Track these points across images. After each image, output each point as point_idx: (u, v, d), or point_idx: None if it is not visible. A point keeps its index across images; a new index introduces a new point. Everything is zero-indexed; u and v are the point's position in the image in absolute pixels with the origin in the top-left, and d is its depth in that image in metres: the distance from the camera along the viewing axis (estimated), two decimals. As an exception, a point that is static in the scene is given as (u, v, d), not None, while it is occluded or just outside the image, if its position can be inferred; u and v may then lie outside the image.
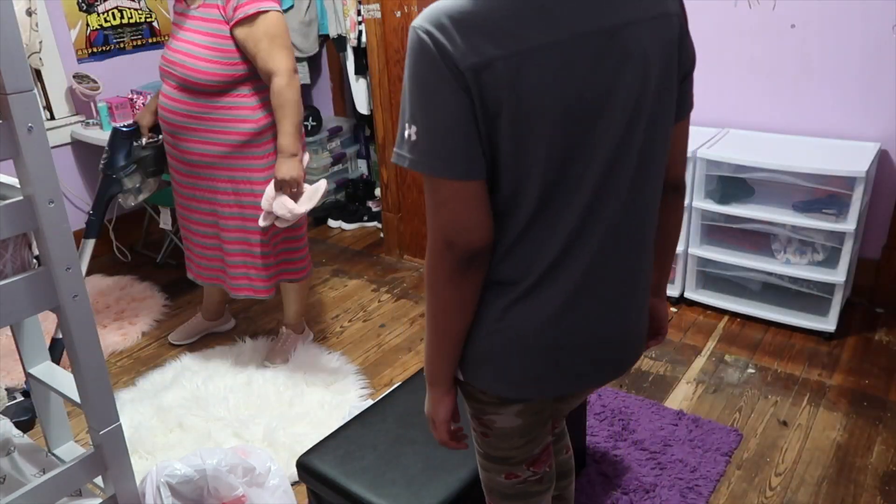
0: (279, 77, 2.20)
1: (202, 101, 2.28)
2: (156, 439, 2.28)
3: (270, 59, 2.20)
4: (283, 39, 2.22)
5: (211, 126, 2.31)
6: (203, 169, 2.39)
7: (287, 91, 2.21)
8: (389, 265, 3.48)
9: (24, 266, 1.36)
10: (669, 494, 1.96)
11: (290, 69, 2.22)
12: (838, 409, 2.28)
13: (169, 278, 3.46)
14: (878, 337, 2.65)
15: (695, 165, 2.72)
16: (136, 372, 2.71)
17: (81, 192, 3.66)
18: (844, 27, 2.59)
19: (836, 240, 2.54)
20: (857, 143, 2.65)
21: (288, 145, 2.25)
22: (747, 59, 2.83)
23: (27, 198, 1.27)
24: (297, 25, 4.00)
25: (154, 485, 1.63)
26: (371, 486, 1.53)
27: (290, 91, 2.22)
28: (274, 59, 2.20)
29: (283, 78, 2.20)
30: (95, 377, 1.43)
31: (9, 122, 1.21)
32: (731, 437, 2.16)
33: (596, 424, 2.23)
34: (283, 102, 2.22)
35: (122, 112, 3.49)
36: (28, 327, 1.69)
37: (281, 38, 2.21)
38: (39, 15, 3.21)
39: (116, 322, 3.04)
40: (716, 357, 2.59)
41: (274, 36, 2.20)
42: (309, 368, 2.60)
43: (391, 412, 1.76)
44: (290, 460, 1.89)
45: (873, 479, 2.00)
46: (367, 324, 2.97)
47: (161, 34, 3.82)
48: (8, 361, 2.71)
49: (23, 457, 1.74)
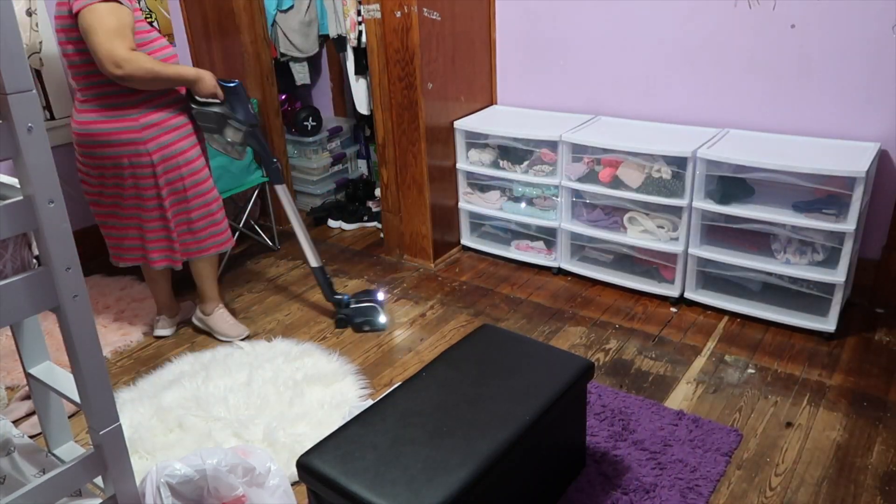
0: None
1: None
2: (156, 439, 2.28)
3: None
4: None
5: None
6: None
7: None
8: (389, 265, 3.48)
9: (24, 266, 1.37)
10: (669, 494, 1.96)
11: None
12: (838, 409, 2.28)
13: (169, 278, 3.46)
14: (878, 337, 2.65)
15: (695, 165, 2.72)
16: (136, 372, 2.71)
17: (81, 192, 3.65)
18: (844, 27, 2.60)
19: (836, 240, 2.54)
20: (856, 143, 2.66)
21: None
22: (747, 59, 2.83)
23: (27, 198, 1.27)
24: (297, 25, 4.00)
25: (154, 485, 1.63)
26: (371, 486, 1.53)
27: None
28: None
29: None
30: (95, 377, 1.43)
31: (9, 122, 1.22)
32: (731, 437, 2.16)
33: (596, 424, 2.23)
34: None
35: (122, 112, 3.50)
36: (28, 327, 1.69)
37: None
38: (39, 15, 3.21)
39: (116, 322, 3.04)
40: (716, 357, 2.59)
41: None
42: (309, 368, 2.60)
43: (391, 412, 1.76)
44: (290, 460, 1.89)
45: (873, 479, 2.00)
46: (367, 324, 2.97)
47: (161, 34, 3.81)
48: (8, 361, 2.71)
49: (23, 457, 1.74)
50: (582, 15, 3.17)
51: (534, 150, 3.18)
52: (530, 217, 3.26)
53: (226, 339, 2.88)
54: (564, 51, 3.28)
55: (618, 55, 3.14)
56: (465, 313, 3.00)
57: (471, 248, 3.55)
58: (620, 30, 3.09)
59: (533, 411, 1.73)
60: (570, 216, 3.15)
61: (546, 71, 3.38)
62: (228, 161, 3.31)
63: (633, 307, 2.96)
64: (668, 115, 3.09)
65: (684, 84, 3.02)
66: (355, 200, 4.14)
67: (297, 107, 4.23)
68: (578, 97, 3.32)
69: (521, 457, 1.70)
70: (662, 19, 2.96)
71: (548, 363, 1.91)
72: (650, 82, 3.10)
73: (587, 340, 2.75)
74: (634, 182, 2.89)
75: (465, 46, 3.32)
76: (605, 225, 3.06)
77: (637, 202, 2.94)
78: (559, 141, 3.03)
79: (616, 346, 2.71)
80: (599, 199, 3.06)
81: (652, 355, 2.63)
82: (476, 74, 3.44)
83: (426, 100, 3.15)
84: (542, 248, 3.32)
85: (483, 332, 2.10)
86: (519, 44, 3.41)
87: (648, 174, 2.86)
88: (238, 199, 3.82)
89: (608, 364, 2.59)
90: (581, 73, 3.28)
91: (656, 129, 3.03)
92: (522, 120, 3.30)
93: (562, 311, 2.98)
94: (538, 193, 3.23)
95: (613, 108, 3.24)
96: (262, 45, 3.71)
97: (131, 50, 2.29)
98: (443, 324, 2.93)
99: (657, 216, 2.93)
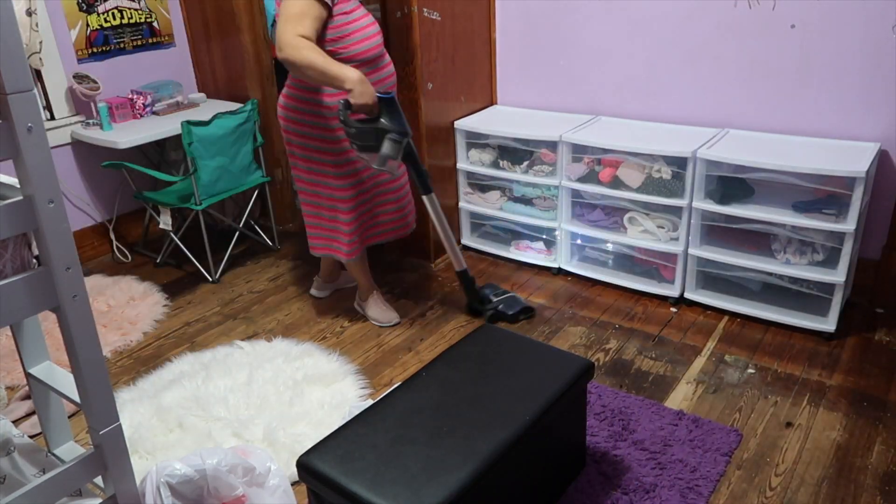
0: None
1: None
2: (156, 439, 2.28)
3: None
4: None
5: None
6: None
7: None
8: (389, 265, 3.48)
9: (24, 266, 1.37)
10: (669, 494, 1.96)
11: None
12: (838, 409, 2.28)
13: (169, 278, 3.46)
14: (878, 337, 2.65)
15: (695, 165, 2.72)
16: (136, 372, 2.71)
17: (81, 192, 3.66)
18: (844, 27, 2.60)
19: (836, 240, 2.54)
20: (856, 144, 2.66)
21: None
22: (747, 59, 2.83)
23: (27, 198, 1.27)
24: (297, 25, 3.99)
25: (154, 485, 1.63)
26: (371, 486, 1.53)
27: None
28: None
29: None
30: (95, 377, 1.43)
31: (9, 122, 1.22)
32: (731, 437, 2.16)
33: (596, 424, 2.23)
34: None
35: (122, 112, 3.50)
36: (28, 327, 1.69)
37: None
38: (39, 15, 3.21)
39: (116, 322, 3.04)
40: (716, 357, 2.59)
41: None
42: (309, 368, 2.60)
43: (391, 412, 1.76)
44: (290, 460, 1.89)
45: (873, 479, 2.00)
46: (367, 324, 2.97)
47: (161, 34, 3.82)
48: (8, 361, 2.71)
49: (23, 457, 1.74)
50: (582, 15, 3.17)
51: (534, 150, 3.18)
52: (530, 217, 3.26)
53: (378, 323, 2.95)
54: (564, 51, 3.28)
55: (618, 55, 3.14)
56: (465, 313, 3.00)
57: (471, 248, 3.55)
58: (620, 30, 3.09)
59: (533, 411, 1.73)
60: (570, 216, 3.15)
61: (546, 71, 3.38)
62: (228, 161, 3.31)
63: (633, 307, 2.96)
64: (667, 116, 3.09)
65: (684, 84, 3.02)
66: (355, 200, 4.13)
67: (297, 107, 4.22)
68: (578, 97, 3.32)
69: (521, 457, 1.70)
70: (662, 19, 2.96)
71: (548, 363, 1.91)
72: (650, 82, 3.10)
73: (587, 340, 2.75)
74: (635, 182, 2.89)
75: (465, 46, 3.32)
76: (605, 225, 3.06)
77: (637, 202, 2.94)
78: (559, 141, 3.02)
79: (616, 346, 2.71)
80: (599, 199, 3.06)
81: (652, 355, 2.63)
82: (476, 74, 3.44)
83: (426, 100, 3.15)
84: (541, 248, 3.32)
85: (483, 332, 2.10)
86: (519, 44, 3.41)
87: (649, 174, 2.86)
88: (238, 199, 3.82)
89: (608, 364, 2.59)
90: (581, 74, 3.28)
91: (656, 129, 3.03)
92: (522, 120, 3.31)
93: (562, 311, 2.98)
94: (538, 193, 3.23)
95: (613, 108, 3.24)
96: (262, 45, 3.71)
97: (299, 36, 2.30)
98: (443, 324, 2.93)
99: (657, 216, 2.93)
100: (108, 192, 3.76)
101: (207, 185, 3.25)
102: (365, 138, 2.44)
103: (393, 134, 2.41)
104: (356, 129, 2.43)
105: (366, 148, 2.47)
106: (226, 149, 3.29)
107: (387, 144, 2.42)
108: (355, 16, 2.48)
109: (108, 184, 3.74)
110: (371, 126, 2.42)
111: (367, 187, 2.72)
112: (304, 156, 2.66)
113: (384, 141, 2.42)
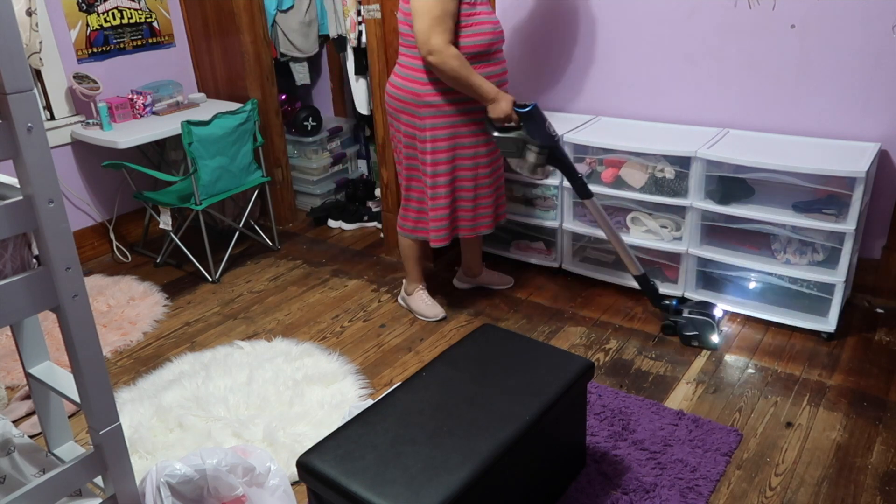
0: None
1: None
2: (156, 439, 2.28)
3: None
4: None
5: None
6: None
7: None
8: (389, 265, 3.48)
9: (24, 266, 1.37)
10: (669, 494, 1.96)
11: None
12: (838, 409, 2.28)
13: (169, 278, 3.47)
14: (878, 337, 2.65)
15: (695, 165, 2.72)
16: (136, 372, 2.71)
17: (81, 192, 3.67)
18: (844, 27, 2.59)
19: (836, 240, 2.54)
20: (856, 143, 2.66)
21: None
22: (747, 59, 2.83)
23: (27, 198, 1.27)
24: (297, 25, 4.00)
25: (154, 485, 1.63)
26: (371, 486, 1.53)
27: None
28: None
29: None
30: (95, 377, 1.43)
31: (9, 122, 1.22)
32: (731, 437, 2.16)
33: (596, 424, 2.23)
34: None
35: (122, 112, 3.50)
36: (28, 327, 1.69)
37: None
38: (39, 15, 3.21)
39: (116, 322, 3.04)
40: (716, 357, 2.59)
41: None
42: (309, 368, 2.60)
43: (391, 412, 1.76)
44: (290, 460, 1.89)
45: (873, 479, 2.00)
46: (367, 324, 2.97)
47: (161, 34, 3.82)
48: (8, 361, 2.71)
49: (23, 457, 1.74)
50: (582, 15, 3.17)
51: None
52: (530, 217, 3.25)
53: (423, 318, 2.95)
54: (564, 51, 3.28)
55: (618, 55, 3.14)
56: (465, 313, 3.00)
57: (471, 248, 3.54)
58: (621, 30, 3.09)
59: (533, 411, 1.73)
60: (570, 216, 3.14)
61: (546, 71, 3.37)
62: (228, 161, 3.32)
63: (633, 307, 2.96)
64: (667, 116, 3.09)
65: (684, 84, 3.01)
66: (355, 200, 4.14)
67: (297, 107, 4.23)
68: (578, 97, 3.32)
69: (522, 456, 1.70)
70: (662, 19, 2.96)
71: (548, 363, 1.91)
72: (650, 82, 3.10)
73: (587, 340, 2.75)
74: (637, 182, 2.89)
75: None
76: (605, 225, 3.06)
77: (640, 202, 2.94)
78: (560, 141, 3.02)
79: (616, 346, 2.71)
80: (602, 199, 3.06)
81: (652, 355, 2.63)
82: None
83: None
84: (541, 248, 3.32)
85: (483, 331, 2.10)
86: (519, 44, 3.40)
87: (652, 174, 2.86)
88: (238, 199, 3.82)
89: (608, 364, 2.59)
90: (581, 74, 3.28)
91: (656, 129, 3.03)
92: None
93: (562, 311, 2.98)
94: (538, 193, 3.23)
95: (613, 108, 3.24)
96: (262, 45, 3.71)
97: (448, 43, 2.42)
98: (443, 324, 2.93)
99: (660, 216, 2.93)
100: (108, 192, 3.76)
101: (207, 185, 3.25)
102: (506, 146, 2.56)
103: (532, 145, 2.52)
104: (497, 138, 2.56)
105: (510, 154, 2.59)
106: (226, 149, 3.29)
107: (529, 155, 2.55)
108: (477, 9, 2.50)
109: (108, 184, 3.74)
110: (510, 136, 2.54)
111: (467, 176, 2.71)
112: (406, 142, 2.70)
113: (526, 151, 2.54)
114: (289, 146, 4.12)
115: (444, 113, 2.57)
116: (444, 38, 2.40)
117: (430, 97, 2.55)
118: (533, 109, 2.49)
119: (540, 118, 2.51)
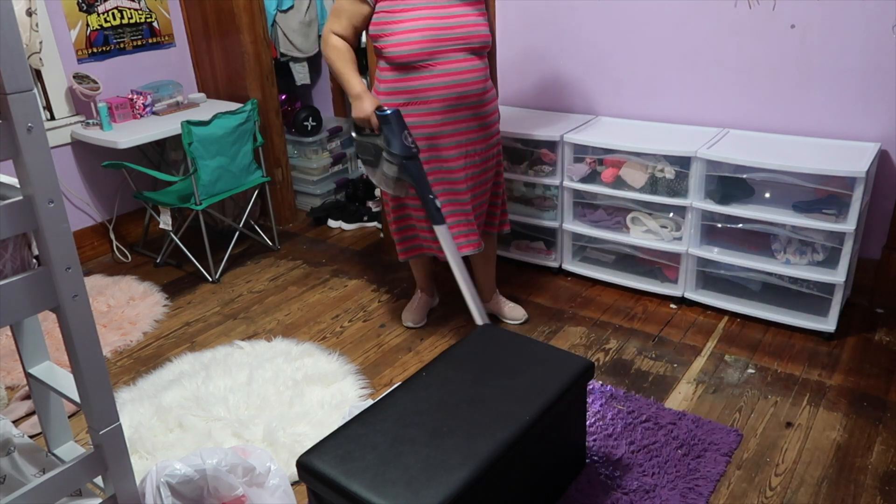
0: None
1: (484, 64, 2.51)
2: (156, 439, 2.28)
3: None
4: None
5: (490, 86, 2.55)
6: (494, 127, 2.60)
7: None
8: (389, 265, 3.48)
9: (24, 266, 1.37)
10: (669, 494, 1.96)
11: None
12: (838, 409, 2.28)
13: (169, 278, 3.47)
14: (878, 337, 2.65)
15: (695, 165, 2.72)
16: (136, 372, 2.71)
17: (81, 192, 3.66)
18: (844, 27, 2.59)
19: (836, 240, 2.54)
20: (856, 144, 2.66)
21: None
22: (747, 59, 2.83)
23: (27, 198, 1.27)
24: (297, 25, 4.00)
25: (154, 485, 1.63)
26: (371, 486, 1.53)
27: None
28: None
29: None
30: (95, 377, 1.43)
31: (9, 122, 1.22)
32: (731, 437, 2.16)
33: (596, 424, 2.23)
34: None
35: (122, 112, 3.50)
36: (28, 327, 1.69)
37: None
38: (39, 15, 3.21)
39: (116, 322, 3.04)
40: (716, 357, 2.59)
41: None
42: (309, 368, 2.60)
43: (391, 412, 1.76)
44: (290, 460, 1.89)
45: (873, 479, 2.00)
46: (367, 324, 2.97)
47: (161, 34, 3.82)
48: (8, 361, 2.71)
49: (23, 457, 1.74)
50: (582, 15, 3.17)
51: (534, 150, 3.18)
52: (530, 217, 3.25)
53: (511, 321, 2.90)
54: (564, 51, 3.28)
55: (618, 55, 3.14)
56: (465, 313, 3.00)
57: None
58: (620, 30, 3.09)
59: (533, 411, 1.73)
60: (571, 216, 3.14)
61: (546, 71, 3.37)
62: (228, 161, 3.31)
63: (633, 307, 2.96)
64: (667, 116, 3.09)
65: (684, 84, 3.01)
66: (355, 200, 4.14)
67: (297, 107, 4.23)
68: (578, 97, 3.32)
69: (522, 457, 1.70)
70: (662, 19, 2.96)
71: (548, 363, 1.91)
72: (650, 83, 3.10)
73: (587, 340, 2.75)
74: (638, 182, 2.89)
75: (466, 46, 3.31)
76: (607, 225, 3.06)
77: (640, 202, 2.94)
78: (560, 141, 3.02)
79: (616, 346, 2.71)
80: (602, 199, 3.06)
81: (652, 355, 2.63)
82: (476, 74, 3.43)
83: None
84: (541, 248, 3.32)
85: (483, 331, 2.10)
86: (519, 44, 3.40)
87: (652, 174, 2.86)
88: (238, 199, 3.82)
89: (608, 364, 2.59)
90: (581, 73, 3.28)
91: (656, 129, 3.03)
92: (522, 120, 3.30)
93: (562, 311, 2.98)
94: (538, 193, 3.23)
95: (613, 108, 3.24)
96: (262, 45, 3.71)
97: (332, 33, 2.43)
98: (443, 324, 2.93)
99: (660, 216, 2.93)
100: (108, 192, 3.76)
101: (207, 185, 3.25)
102: (364, 151, 2.43)
103: (387, 154, 2.34)
104: (356, 140, 2.45)
105: (367, 162, 2.44)
106: (226, 149, 3.29)
107: (382, 163, 2.37)
108: (399, 17, 2.33)
109: (108, 184, 3.74)
110: (369, 141, 2.39)
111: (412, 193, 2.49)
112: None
113: (381, 160, 2.37)
114: (289, 146, 4.12)
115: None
116: (330, 27, 2.42)
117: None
118: (391, 115, 2.29)
119: (398, 126, 2.29)
